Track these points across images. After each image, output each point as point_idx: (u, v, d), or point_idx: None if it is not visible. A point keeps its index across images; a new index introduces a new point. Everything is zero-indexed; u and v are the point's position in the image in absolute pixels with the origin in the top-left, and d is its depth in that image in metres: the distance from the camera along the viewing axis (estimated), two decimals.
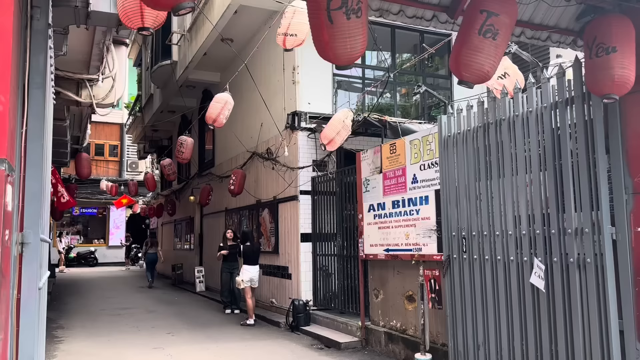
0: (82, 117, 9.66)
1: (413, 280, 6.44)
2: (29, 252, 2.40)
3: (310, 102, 9.42)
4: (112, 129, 28.74)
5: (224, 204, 13.37)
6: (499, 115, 4.96)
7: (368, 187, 7.38)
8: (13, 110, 2.08)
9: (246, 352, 7.08)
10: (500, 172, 4.90)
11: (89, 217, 29.35)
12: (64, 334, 8.47)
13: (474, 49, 3.43)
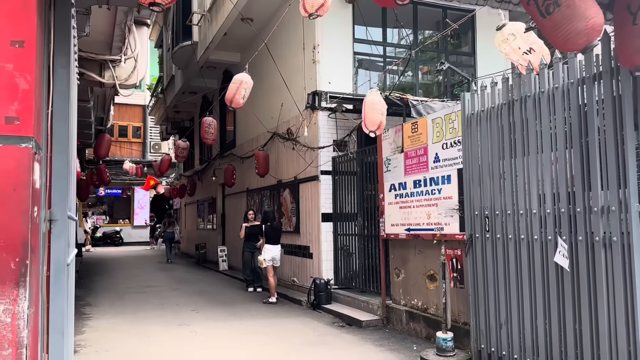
0: (105, 99, 9.79)
1: (434, 260, 6.43)
2: (56, 229, 2.46)
3: (331, 82, 9.36)
4: (135, 110, 29.06)
5: (246, 184, 13.47)
6: (524, 92, 4.86)
7: (389, 167, 7.34)
8: (38, 89, 2.11)
9: (269, 329, 7.19)
10: (524, 150, 4.82)
11: (114, 198, 29.91)
12: (91, 310, 8.70)
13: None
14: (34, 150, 1.96)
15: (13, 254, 1.86)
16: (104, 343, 6.45)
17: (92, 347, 6.23)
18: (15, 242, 1.87)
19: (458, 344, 5.73)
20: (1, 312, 1.82)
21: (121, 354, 5.93)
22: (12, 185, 1.87)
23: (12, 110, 1.90)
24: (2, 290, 1.82)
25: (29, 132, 1.92)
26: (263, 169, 10.86)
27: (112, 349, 6.18)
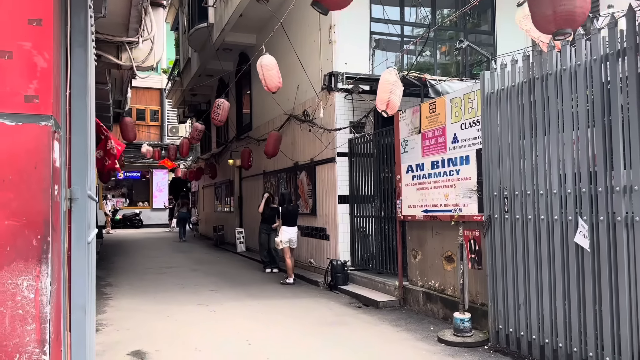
0: (122, 81, 9.84)
1: (452, 241, 6.40)
2: (77, 208, 2.49)
3: (347, 62, 9.27)
4: (152, 94, 29.23)
5: (262, 166, 13.51)
6: (546, 69, 4.76)
7: (406, 148, 7.28)
8: (57, 68, 2.12)
9: (286, 309, 7.26)
10: (545, 129, 4.74)
11: (133, 181, 30.29)
12: (112, 291, 8.87)
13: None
14: (54, 129, 1.97)
15: (35, 231, 1.88)
16: (125, 322, 6.58)
17: (113, 326, 6.36)
18: (37, 219, 1.89)
19: (475, 325, 5.72)
20: (24, 288, 1.85)
21: (142, 332, 6.04)
22: (33, 163, 1.89)
23: (31, 88, 1.91)
24: (25, 267, 1.85)
25: (48, 111, 1.93)
26: (272, 150, 10.84)
27: (133, 327, 6.31)
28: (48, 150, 1.93)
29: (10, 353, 1.82)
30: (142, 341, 5.67)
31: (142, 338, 5.80)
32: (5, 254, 1.83)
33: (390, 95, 6.61)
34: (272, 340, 5.69)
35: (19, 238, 1.86)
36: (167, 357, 5.11)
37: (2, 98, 1.87)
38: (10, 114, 1.87)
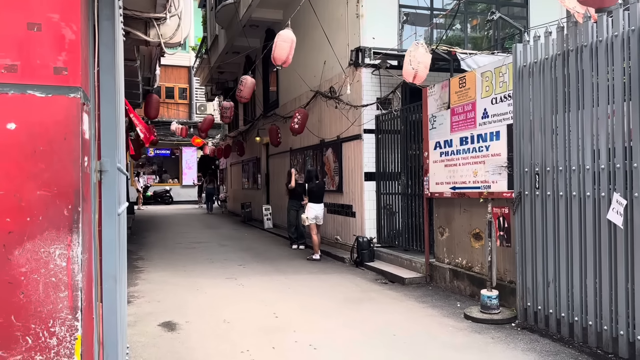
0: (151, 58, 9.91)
1: (480, 218, 6.32)
2: (107, 180, 2.53)
3: (375, 37, 9.13)
4: (180, 72, 29.45)
5: (289, 144, 13.53)
6: (581, 41, 4.58)
7: (434, 124, 7.17)
8: (85, 40, 2.13)
9: (313, 284, 7.33)
10: (579, 103, 4.59)
11: (163, 158, 30.80)
12: (144, 264, 9.10)
13: None
14: (82, 101, 2.00)
15: (66, 201, 1.92)
16: (156, 294, 6.75)
17: (144, 298, 6.54)
18: (68, 189, 1.93)
19: (503, 302, 5.68)
20: (57, 257, 1.90)
21: (172, 304, 6.20)
22: (63, 135, 1.93)
23: (60, 60, 1.93)
24: (57, 236, 1.90)
25: (77, 82, 1.95)
26: (301, 127, 10.80)
27: (163, 299, 6.47)
28: (77, 122, 1.95)
29: (45, 319, 1.88)
30: (173, 313, 5.81)
31: (173, 310, 5.95)
32: (38, 223, 1.88)
33: (419, 66, 6.49)
34: (298, 314, 5.76)
35: (50, 208, 1.90)
36: (197, 328, 5.24)
37: (33, 70, 1.90)
38: (40, 85, 1.90)
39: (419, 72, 6.51)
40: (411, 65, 6.46)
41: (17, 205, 1.85)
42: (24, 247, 1.85)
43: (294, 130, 10.91)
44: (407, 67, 6.55)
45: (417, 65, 6.43)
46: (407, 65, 6.56)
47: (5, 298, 1.83)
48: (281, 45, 7.27)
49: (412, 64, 6.47)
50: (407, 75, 6.57)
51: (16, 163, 1.86)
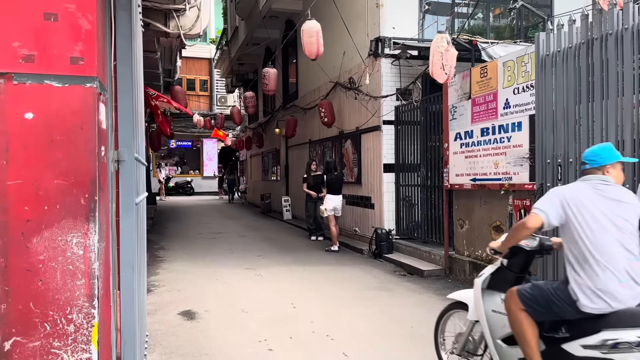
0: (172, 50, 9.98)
1: (501, 211, 6.24)
2: (124, 170, 2.55)
3: (395, 27, 9.03)
4: (201, 64, 29.63)
5: (308, 135, 13.52)
6: (605, 29, 4.47)
7: (455, 115, 7.08)
8: (101, 30, 2.15)
9: (331, 275, 7.34)
10: (603, 93, 4.48)
11: (185, 150, 31.11)
12: (165, 254, 9.22)
13: None
14: (99, 91, 2.01)
15: (82, 190, 1.94)
16: (177, 283, 6.83)
17: (165, 287, 6.63)
18: (85, 178, 1.95)
19: None
20: (74, 245, 1.93)
21: (192, 293, 6.27)
22: (79, 124, 1.94)
23: (76, 50, 1.94)
24: (74, 224, 1.92)
25: (93, 72, 1.96)
26: (330, 118, 10.77)
27: (183, 289, 6.55)
28: (93, 112, 1.97)
29: (62, 306, 1.91)
30: (192, 302, 5.88)
31: (192, 299, 6.02)
32: (56, 211, 1.91)
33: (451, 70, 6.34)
34: (315, 305, 5.78)
35: (67, 197, 1.92)
36: (216, 317, 5.29)
37: (50, 60, 1.92)
38: (57, 75, 1.92)
39: (450, 73, 6.41)
40: (444, 70, 6.31)
41: (35, 193, 1.88)
42: (41, 235, 1.88)
43: (326, 123, 10.89)
44: (438, 70, 6.38)
45: (449, 70, 6.29)
46: (438, 69, 6.38)
47: (24, 285, 1.87)
48: (308, 41, 7.28)
49: (445, 69, 6.30)
50: (439, 78, 6.41)
51: (34, 152, 1.89)
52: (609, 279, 2.66)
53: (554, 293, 2.84)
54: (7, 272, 1.85)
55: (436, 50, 6.38)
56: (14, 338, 1.86)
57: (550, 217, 2.79)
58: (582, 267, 2.75)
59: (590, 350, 2.69)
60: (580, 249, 2.76)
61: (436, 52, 6.37)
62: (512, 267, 3.26)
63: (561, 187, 2.99)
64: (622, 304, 2.66)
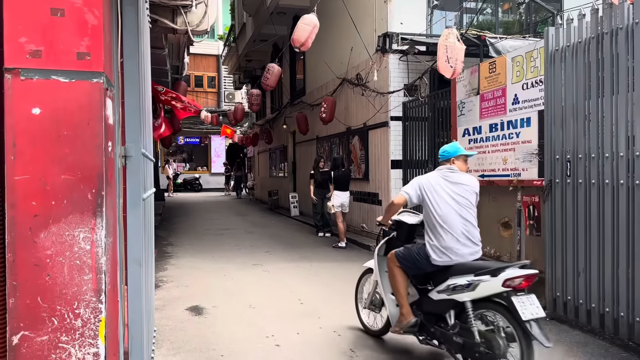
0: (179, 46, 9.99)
1: (509, 207, 6.20)
2: (131, 165, 2.56)
3: (403, 22, 8.98)
4: (209, 60, 29.67)
5: (315, 132, 13.50)
6: (616, 23, 4.40)
7: (463, 111, 7.04)
8: (108, 26, 2.15)
9: (338, 272, 7.33)
10: (613, 88, 4.42)
11: (193, 146, 31.21)
12: (173, 250, 9.26)
13: None
14: (105, 86, 2.01)
15: (89, 185, 1.95)
16: (185, 279, 6.86)
17: (173, 283, 6.66)
18: (91, 174, 1.96)
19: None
20: (81, 240, 1.93)
21: (200, 289, 6.29)
22: (86, 120, 1.95)
23: (82, 45, 1.94)
24: (81, 219, 1.93)
25: (99, 68, 1.96)
26: (330, 115, 10.76)
27: (191, 284, 6.57)
28: (100, 107, 1.97)
29: (70, 301, 1.92)
30: (200, 297, 5.90)
31: (200, 294, 6.04)
32: (63, 207, 1.91)
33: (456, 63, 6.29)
34: (323, 301, 5.78)
35: (74, 192, 1.93)
36: (223, 313, 5.30)
37: (56, 55, 1.92)
38: (64, 70, 1.92)
39: (457, 68, 6.36)
40: (449, 63, 6.27)
41: (42, 189, 1.89)
42: (49, 230, 1.89)
43: (323, 119, 10.88)
44: (444, 64, 6.35)
45: (455, 63, 6.25)
46: (444, 62, 6.35)
47: (32, 280, 1.88)
48: (302, 27, 7.10)
49: (450, 62, 6.27)
50: (445, 72, 6.39)
51: (41, 147, 1.90)
52: (450, 239, 3.71)
53: (417, 253, 3.86)
54: (15, 267, 1.86)
55: (442, 44, 6.34)
56: (22, 332, 1.87)
57: (411, 197, 3.89)
58: (433, 232, 3.79)
59: (441, 294, 3.68)
60: (432, 219, 3.81)
61: (442, 46, 6.34)
62: (399, 238, 4.29)
63: (421, 176, 4.04)
64: (461, 258, 3.69)
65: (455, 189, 3.85)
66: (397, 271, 3.99)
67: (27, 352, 1.87)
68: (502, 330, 3.39)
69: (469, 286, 3.49)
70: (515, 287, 3.33)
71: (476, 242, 3.79)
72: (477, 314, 3.53)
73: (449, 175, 3.91)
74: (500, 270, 3.40)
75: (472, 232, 3.79)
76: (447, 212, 3.76)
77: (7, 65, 1.87)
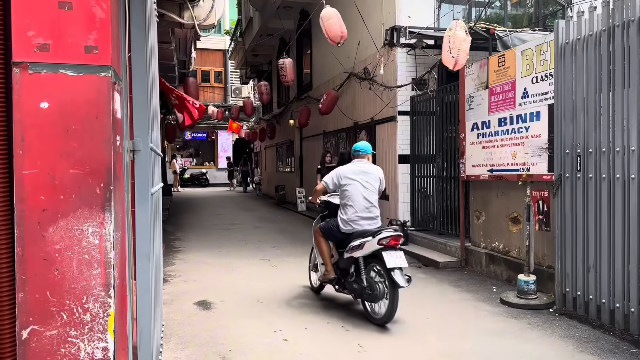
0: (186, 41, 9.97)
1: (518, 202, 6.16)
2: (139, 159, 2.55)
3: (411, 16, 8.92)
4: (216, 55, 29.67)
5: (322, 127, 13.47)
6: (627, 16, 4.34)
7: (472, 105, 6.99)
8: (115, 19, 2.13)
9: None
10: (625, 81, 4.36)
11: (200, 142, 31.27)
12: (181, 244, 9.28)
13: None
14: (113, 80, 2.00)
15: (98, 179, 1.94)
16: (192, 274, 6.88)
17: (181, 277, 6.67)
18: (100, 168, 1.95)
19: (540, 288, 5.54)
20: (89, 234, 1.93)
21: (207, 284, 6.30)
22: (94, 114, 1.94)
23: (90, 39, 1.93)
24: (90, 214, 1.92)
25: (107, 61, 1.95)
26: (326, 107, 10.72)
27: (199, 279, 6.59)
28: (108, 101, 1.96)
29: (79, 295, 1.92)
30: (208, 292, 5.92)
31: (208, 289, 6.05)
32: (71, 201, 1.91)
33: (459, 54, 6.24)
34: (331, 296, 5.77)
35: (83, 186, 1.92)
36: (231, 308, 5.31)
37: (64, 49, 1.91)
38: (72, 64, 1.91)
39: (460, 59, 6.30)
40: (451, 53, 6.23)
41: (50, 183, 1.88)
42: (57, 225, 1.89)
43: (320, 109, 10.85)
44: (446, 54, 6.31)
45: (457, 54, 6.20)
46: (446, 52, 6.32)
47: (41, 274, 1.88)
48: (331, 24, 7.04)
49: (452, 52, 6.23)
50: (447, 63, 6.35)
51: (49, 142, 1.89)
52: (354, 214, 4.99)
53: (332, 225, 5.19)
54: (24, 261, 1.86)
55: (447, 35, 6.30)
56: (31, 327, 1.87)
57: (329, 185, 5.18)
58: (343, 208, 5.08)
59: (346, 254, 4.95)
60: (344, 199, 5.08)
61: (446, 37, 6.29)
62: (329, 215, 5.49)
63: (340, 167, 5.28)
64: (361, 227, 4.94)
65: (364, 177, 5.09)
66: (321, 240, 5.30)
67: (36, 347, 1.87)
68: (384, 277, 4.66)
69: (360, 246, 4.77)
70: (386, 244, 4.63)
71: (374, 217, 5.03)
72: (369, 267, 4.85)
73: (361, 166, 5.18)
74: (377, 233, 4.70)
75: (372, 209, 5.04)
76: (355, 193, 5.01)
77: (15, 59, 1.86)
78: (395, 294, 4.55)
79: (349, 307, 5.35)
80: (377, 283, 4.71)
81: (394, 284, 4.52)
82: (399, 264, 4.57)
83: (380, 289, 4.67)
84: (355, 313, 5.13)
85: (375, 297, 4.69)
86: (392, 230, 4.76)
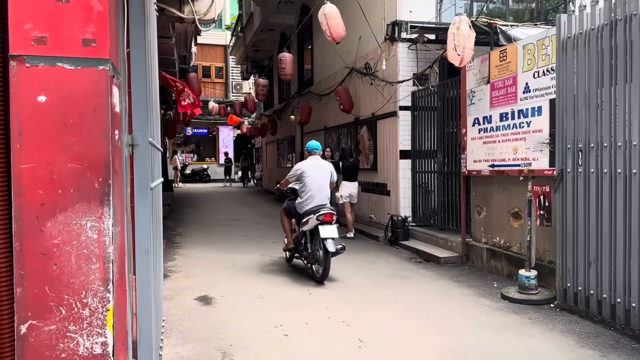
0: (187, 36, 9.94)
1: (519, 197, 6.14)
2: (138, 154, 2.54)
3: (412, 10, 8.88)
4: (216, 51, 29.61)
5: (323, 122, 13.45)
6: (630, 10, 4.31)
7: (473, 100, 6.96)
8: (113, 12, 2.12)
9: (346, 262, 7.30)
10: (627, 76, 4.34)
11: (201, 137, 31.24)
12: (181, 240, 9.28)
13: None
14: (111, 74, 1.99)
15: (96, 173, 1.93)
16: (193, 269, 6.88)
17: (182, 273, 6.67)
18: (98, 162, 1.93)
19: (541, 283, 5.53)
20: (88, 229, 1.92)
21: (208, 279, 6.30)
22: (92, 107, 1.92)
23: (88, 32, 1.91)
24: (88, 208, 1.91)
25: (105, 55, 1.93)
26: (347, 104, 10.68)
27: (200, 274, 6.59)
28: (106, 95, 1.95)
29: (78, 290, 1.91)
30: (209, 287, 5.91)
31: (209, 284, 6.05)
32: (70, 195, 1.90)
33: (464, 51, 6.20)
34: (331, 291, 5.77)
35: (81, 180, 1.91)
36: (232, 303, 5.31)
37: (62, 42, 1.89)
38: (69, 57, 1.89)
39: (465, 56, 6.26)
40: (456, 51, 6.19)
41: (48, 177, 1.87)
42: (56, 219, 1.88)
43: (344, 110, 10.80)
44: (451, 52, 6.27)
45: (462, 51, 6.16)
46: (451, 50, 6.27)
47: (39, 269, 1.87)
48: (334, 24, 7.11)
49: (457, 49, 6.19)
50: (453, 60, 6.32)
51: (47, 135, 1.87)
52: (308, 198, 6.33)
53: (292, 206, 6.57)
54: (22, 256, 1.85)
55: (451, 32, 6.26)
56: (30, 321, 1.86)
57: (291, 179, 6.58)
58: (301, 196, 6.42)
59: (300, 228, 6.43)
60: (302, 189, 6.42)
61: (451, 34, 6.25)
62: (295, 199, 6.61)
63: (301, 162, 6.68)
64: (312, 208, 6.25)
65: (318, 170, 6.47)
66: (284, 218, 6.79)
67: (35, 342, 1.86)
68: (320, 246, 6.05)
69: (306, 222, 6.21)
70: (322, 220, 6.05)
71: (323, 201, 6.35)
72: (314, 239, 6.24)
73: (316, 162, 6.60)
74: (317, 212, 6.13)
75: (322, 196, 6.37)
76: (311, 182, 6.36)
77: (12, 52, 1.85)
78: (327, 258, 5.92)
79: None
80: (317, 250, 6.11)
81: (326, 250, 5.89)
82: (331, 234, 5.95)
83: (319, 255, 6.04)
84: (354, 312, 5.12)
85: (315, 260, 6.16)
86: (328, 209, 6.13)
